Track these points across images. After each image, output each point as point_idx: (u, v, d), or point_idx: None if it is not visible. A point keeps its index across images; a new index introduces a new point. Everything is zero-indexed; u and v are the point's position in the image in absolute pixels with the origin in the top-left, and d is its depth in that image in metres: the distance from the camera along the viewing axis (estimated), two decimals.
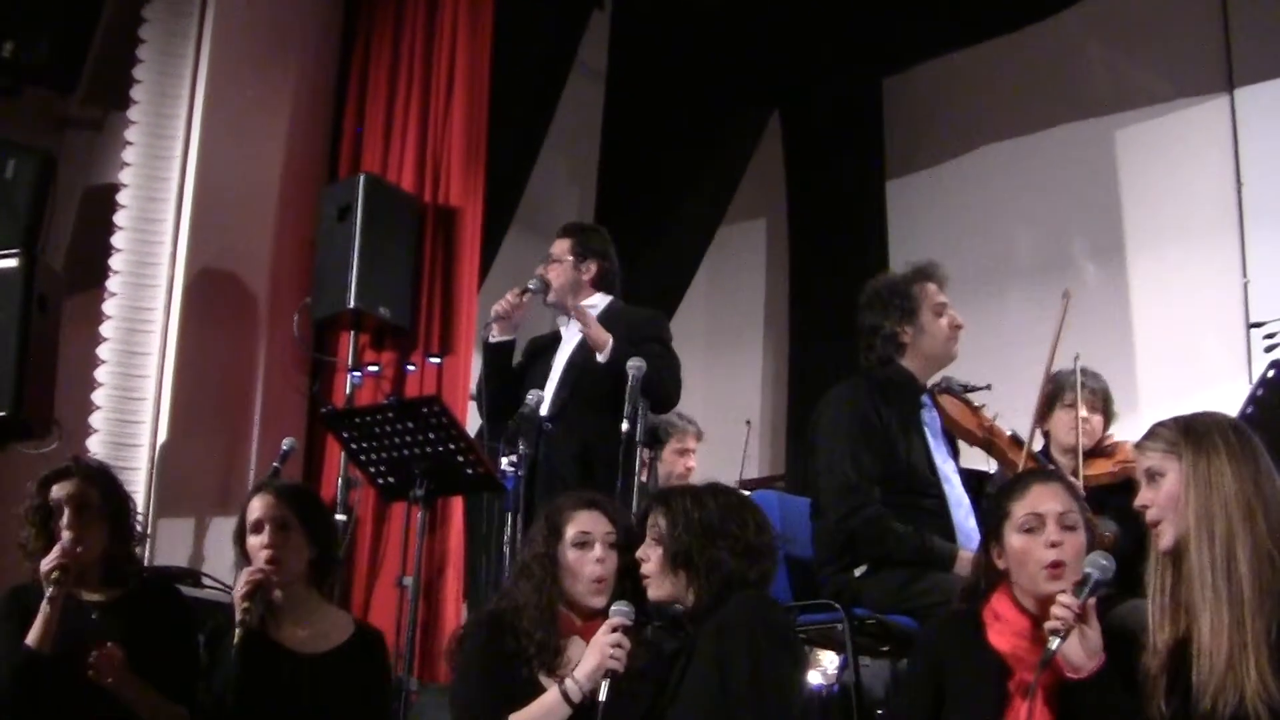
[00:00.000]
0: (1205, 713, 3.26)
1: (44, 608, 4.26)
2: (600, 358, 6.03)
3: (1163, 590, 3.49)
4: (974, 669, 3.70)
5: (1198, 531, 3.38)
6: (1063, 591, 3.54)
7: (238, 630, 4.19)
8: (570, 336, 6.33)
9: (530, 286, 6.21)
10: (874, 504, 4.93)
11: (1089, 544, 3.75)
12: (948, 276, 5.38)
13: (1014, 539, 3.74)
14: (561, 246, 6.40)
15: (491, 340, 6.21)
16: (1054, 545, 3.67)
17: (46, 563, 4.30)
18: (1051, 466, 5.50)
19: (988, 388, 5.47)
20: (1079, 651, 3.42)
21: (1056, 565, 3.65)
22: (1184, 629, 3.40)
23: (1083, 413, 5.71)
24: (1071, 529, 3.72)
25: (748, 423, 8.39)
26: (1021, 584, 3.72)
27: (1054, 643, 3.39)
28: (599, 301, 6.37)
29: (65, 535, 4.39)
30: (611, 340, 6.02)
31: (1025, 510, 3.75)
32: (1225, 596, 3.29)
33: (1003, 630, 3.71)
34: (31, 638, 4.25)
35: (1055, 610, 3.43)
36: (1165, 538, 3.48)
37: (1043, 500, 3.75)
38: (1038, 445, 5.82)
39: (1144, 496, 3.54)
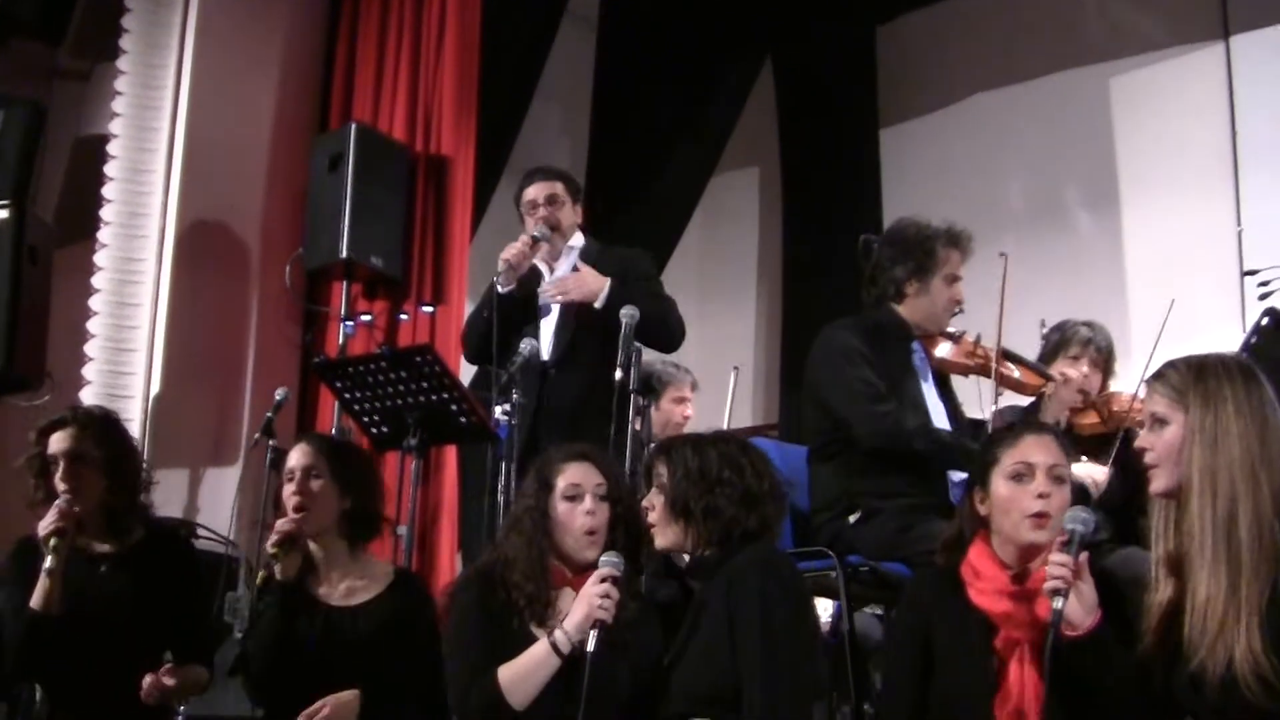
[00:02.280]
0: (1194, 672, 3.25)
1: (45, 572, 4.26)
2: (597, 304, 5.99)
3: (1164, 527, 3.46)
4: (959, 629, 3.70)
5: (1200, 489, 3.33)
6: (1047, 546, 3.55)
7: (266, 578, 4.20)
8: (556, 274, 6.27)
9: (537, 234, 6.14)
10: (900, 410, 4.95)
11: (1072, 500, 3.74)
12: (974, 252, 5.35)
13: (1001, 486, 3.73)
14: (558, 188, 6.27)
15: (504, 290, 6.13)
16: (1042, 496, 3.66)
17: (43, 527, 4.29)
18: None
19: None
20: (1077, 609, 3.40)
21: (1041, 515, 3.64)
22: (1179, 580, 3.39)
23: (1084, 369, 5.67)
24: (1060, 482, 3.71)
25: (735, 368, 8.37)
26: (1003, 531, 3.71)
27: (1058, 602, 3.36)
28: (579, 241, 6.34)
29: (60, 489, 4.39)
30: (608, 282, 6.00)
31: (1016, 458, 3.73)
32: (1224, 559, 3.26)
33: (984, 589, 3.70)
34: (36, 601, 4.25)
35: (1051, 570, 3.40)
36: (1157, 482, 3.46)
37: (1034, 450, 3.74)
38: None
39: (1144, 439, 3.51)
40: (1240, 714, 3.19)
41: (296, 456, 4.38)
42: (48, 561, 4.26)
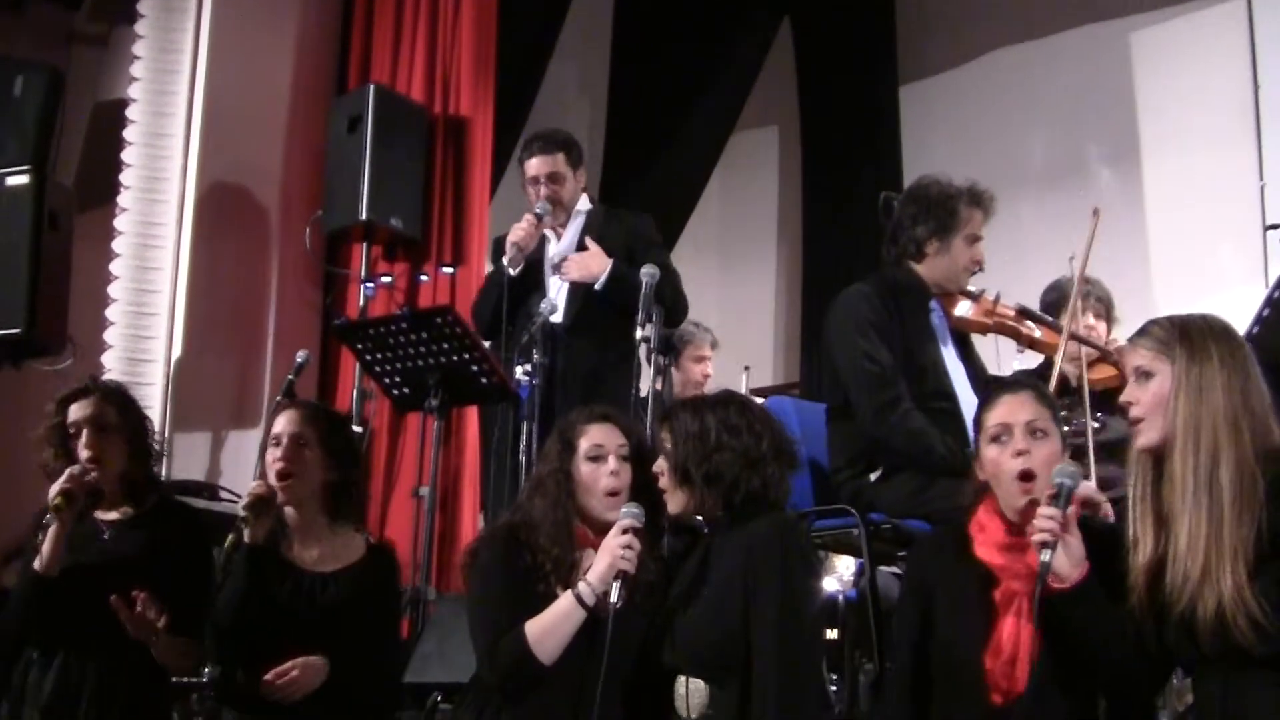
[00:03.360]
0: (1184, 616, 3.27)
1: (50, 534, 4.27)
2: (597, 286, 6.02)
3: (1143, 488, 3.48)
4: (961, 582, 3.72)
5: (1184, 439, 3.36)
6: (1036, 502, 3.54)
7: (236, 540, 4.20)
8: (563, 240, 6.29)
9: (538, 211, 6.13)
10: (905, 399, 4.92)
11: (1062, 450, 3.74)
12: (997, 212, 5.32)
13: (987, 450, 3.75)
14: (558, 162, 6.27)
15: (515, 273, 6.12)
16: (1020, 454, 3.66)
17: (53, 489, 4.30)
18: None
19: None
20: (1064, 562, 3.40)
21: (1026, 477, 3.64)
22: (1164, 532, 3.40)
23: (1089, 320, 5.66)
24: (1041, 436, 3.71)
25: (746, 368, 8.35)
26: (1000, 495, 3.72)
27: (1046, 555, 3.37)
28: (584, 205, 6.36)
29: (84, 455, 4.40)
30: (610, 265, 6.01)
31: (994, 421, 3.74)
32: (1205, 507, 3.28)
33: (985, 541, 3.71)
34: (38, 563, 4.27)
35: (1038, 524, 3.41)
36: (1145, 436, 3.47)
37: (1010, 410, 3.74)
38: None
39: (1130, 393, 3.52)
40: (1233, 657, 3.22)
41: (285, 422, 4.35)
42: (51, 524, 4.27)
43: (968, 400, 5.03)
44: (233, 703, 4.20)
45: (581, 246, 6.19)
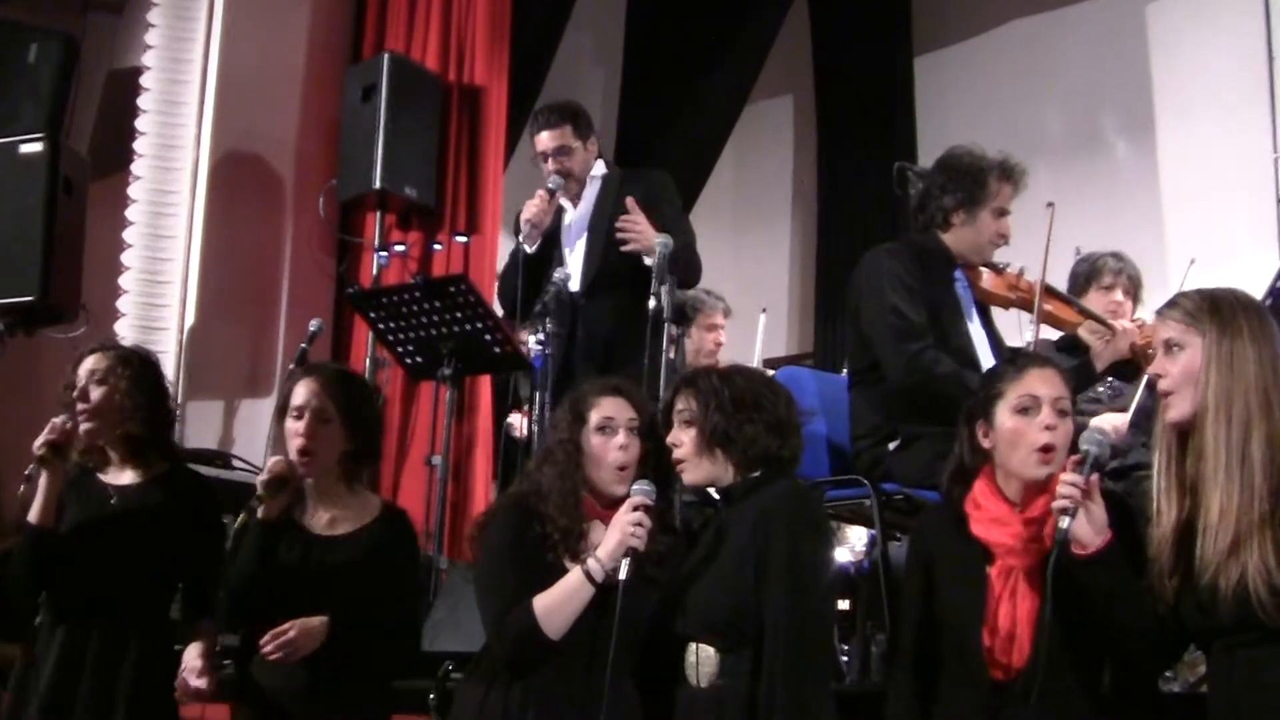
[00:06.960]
0: (1207, 588, 3.27)
1: (41, 486, 4.24)
2: (647, 260, 5.87)
3: (1169, 462, 3.47)
4: (959, 560, 3.71)
5: (1216, 412, 3.35)
6: (1062, 470, 3.50)
7: (246, 518, 4.18)
8: (580, 207, 6.17)
9: (551, 186, 6.07)
10: (932, 347, 4.90)
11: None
12: (1028, 187, 5.30)
13: (1006, 419, 3.70)
14: (565, 134, 6.10)
15: (531, 251, 6.02)
16: (1048, 428, 3.64)
17: (36, 443, 4.28)
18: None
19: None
20: (1086, 529, 3.39)
21: (1048, 450, 3.62)
22: (1189, 505, 3.40)
23: (1117, 297, 5.66)
24: (1064, 415, 3.70)
25: (764, 310, 8.34)
26: (1009, 466, 3.69)
27: (1064, 521, 3.36)
28: (599, 170, 6.24)
29: (78, 408, 4.38)
30: (658, 240, 5.90)
31: (1021, 391, 3.70)
32: (1237, 479, 3.28)
33: (981, 518, 3.69)
34: (32, 514, 4.24)
35: (1061, 489, 3.39)
36: (1175, 410, 3.46)
37: (1039, 383, 3.70)
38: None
39: (1159, 366, 3.51)
40: (1251, 631, 3.23)
41: (305, 394, 4.25)
42: (31, 470, 4.25)
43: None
44: (249, 668, 4.21)
45: (605, 206, 6.11)
